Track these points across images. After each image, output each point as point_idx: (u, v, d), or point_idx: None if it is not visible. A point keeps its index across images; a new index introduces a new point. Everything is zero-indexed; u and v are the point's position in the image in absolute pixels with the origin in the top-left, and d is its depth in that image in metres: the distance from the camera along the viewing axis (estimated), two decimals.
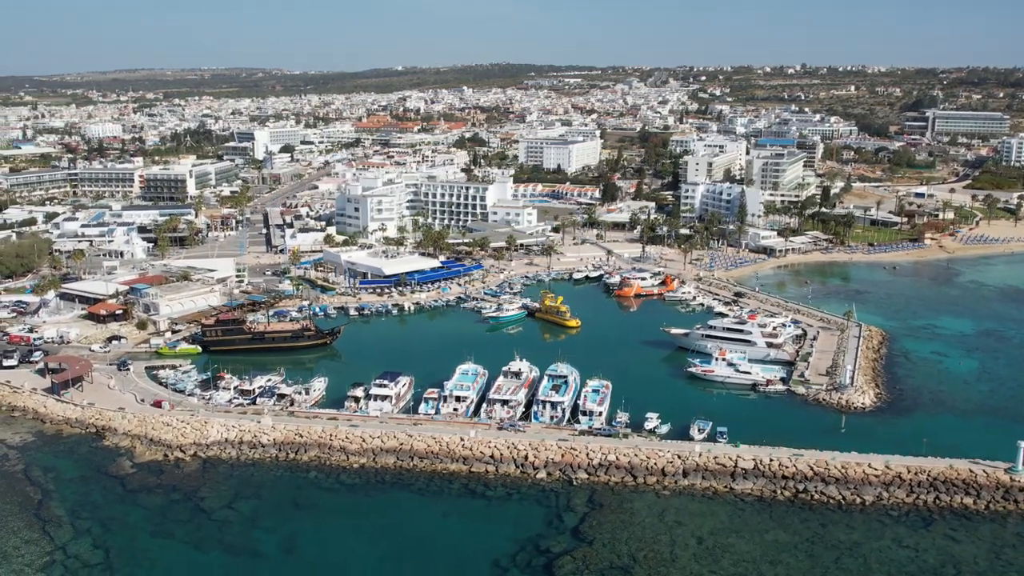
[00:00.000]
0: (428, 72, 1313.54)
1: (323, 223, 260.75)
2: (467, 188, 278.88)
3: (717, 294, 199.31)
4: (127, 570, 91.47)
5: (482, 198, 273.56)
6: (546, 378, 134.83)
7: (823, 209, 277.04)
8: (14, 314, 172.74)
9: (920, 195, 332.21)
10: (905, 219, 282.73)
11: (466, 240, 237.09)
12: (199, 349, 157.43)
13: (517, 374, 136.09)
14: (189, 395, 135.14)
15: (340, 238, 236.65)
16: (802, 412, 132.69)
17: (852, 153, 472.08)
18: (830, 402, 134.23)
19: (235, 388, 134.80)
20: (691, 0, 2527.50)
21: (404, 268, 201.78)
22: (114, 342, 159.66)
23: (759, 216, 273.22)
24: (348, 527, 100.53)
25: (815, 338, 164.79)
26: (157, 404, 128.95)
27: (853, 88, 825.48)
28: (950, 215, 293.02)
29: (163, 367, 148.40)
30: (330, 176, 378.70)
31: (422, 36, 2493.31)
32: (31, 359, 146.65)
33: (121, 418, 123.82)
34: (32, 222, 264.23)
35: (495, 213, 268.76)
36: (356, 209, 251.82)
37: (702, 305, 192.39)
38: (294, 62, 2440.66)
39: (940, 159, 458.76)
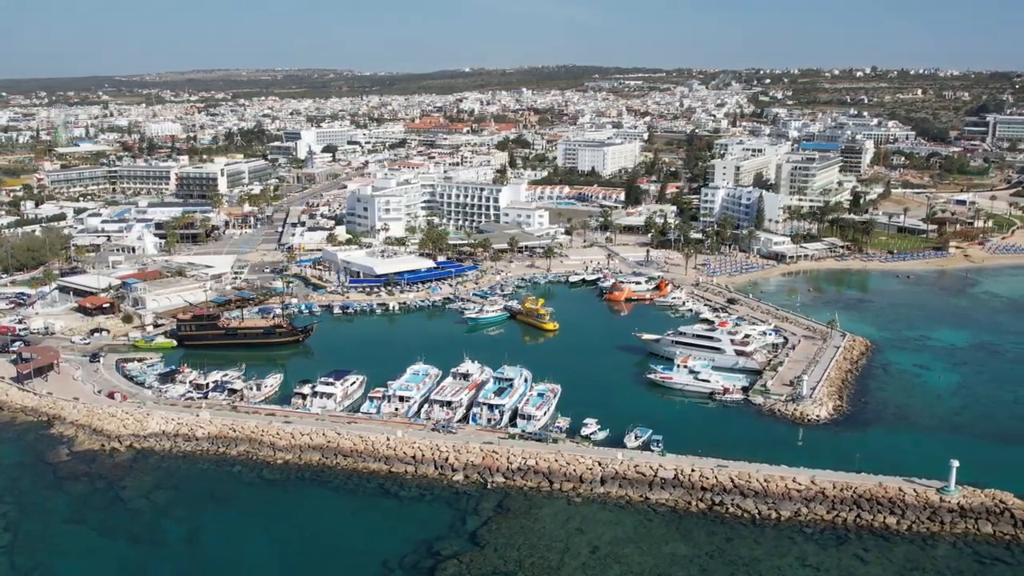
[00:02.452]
0: (494, 74, 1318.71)
1: (332, 222, 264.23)
2: (481, 189, 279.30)
3: (709, 300, 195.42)
4: (29, 553, 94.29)
5: (495, 200, 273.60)
6: (492, 380, 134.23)
7: (842, 215, 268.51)
8: (11, 305, 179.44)
9: (961, 202, 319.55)
10: (935, 227, 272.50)
11: (467, 241, 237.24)
12: (174, 343, 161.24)
13: (465, 376, 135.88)
14: (147, 388, 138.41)
15: (344, 237, 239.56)
16: (754, 423, 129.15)
17: (903, 158, 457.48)
18: (785, 413, 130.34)
19: (190, 382, 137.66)
20: (761, 2, 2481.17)
21: (395, 268, 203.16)
22: (96, 334, 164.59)
23: (778, 221, 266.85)
24: (254, 521, 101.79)
25: (793, 347, 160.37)
26: (111, 395, 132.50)
27: (920, 92, 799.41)
28: (988, 223, 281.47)
29: (132, 360, 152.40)
30: (363, 176, 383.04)
31: (493, 38, 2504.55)
32: (10, 349, 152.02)
33: (72, 408, 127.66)
34: (61, 217, 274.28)
35: (507, 215, 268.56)
36: (365, 209, 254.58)
37: (691, 311, 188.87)
38: (365, 63, 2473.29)
39: (996, 165, 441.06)
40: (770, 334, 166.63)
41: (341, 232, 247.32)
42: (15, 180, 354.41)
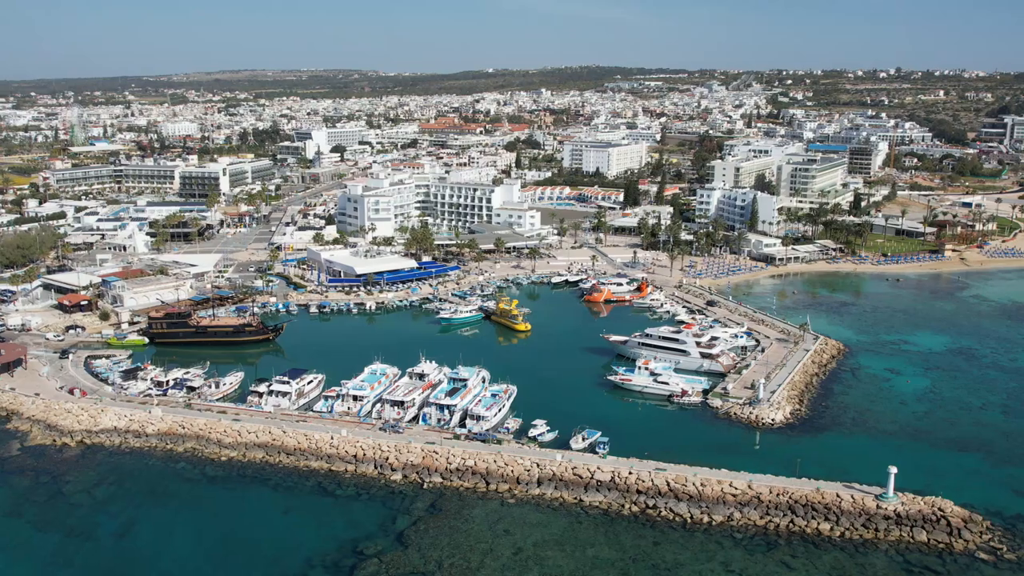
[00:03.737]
0: (516, 74, 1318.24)
1: (323, 222, 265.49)
2: (474, 190, 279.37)
3: (689, 302, 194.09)
4: None
5: (488, 200, 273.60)
6: (445, 381, 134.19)
7: (837, 218, 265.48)
8: None
9: (967, 205, 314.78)
10: (934, 229, 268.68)
11: (454, 241, 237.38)
12: (146, 341, 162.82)
13: (421, 376, 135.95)
14: (110, 384, 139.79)
15: (331, 236, 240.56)
16: (708, 426, 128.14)
17: (915, 160, 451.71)
18: (741, 417, 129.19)
19: (151, 379, 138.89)
20: (786, 3, 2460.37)
21: (375, 268, 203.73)
22: (70, 331, 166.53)
23: (772, 223, 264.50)
24: (188, 517, 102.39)
25: (763, 350, 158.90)
26: (71, 391, 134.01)
27: (943, 93, 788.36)
28: (991, 225, 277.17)
29: (101, 356, 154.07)
30: (366, 176, 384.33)
31: (519, 39, 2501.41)
32: None
33: (31, 403, 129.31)
34: (61, 215, 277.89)
35: (498, 215, 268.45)
36: (355, 208, 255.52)
37: (668, 312, 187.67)
38: (391, 64, 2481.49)
39: (1011, 167, 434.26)
40: (742, 337, 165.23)
41: (330, 232, 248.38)
42: (24, 179, 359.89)
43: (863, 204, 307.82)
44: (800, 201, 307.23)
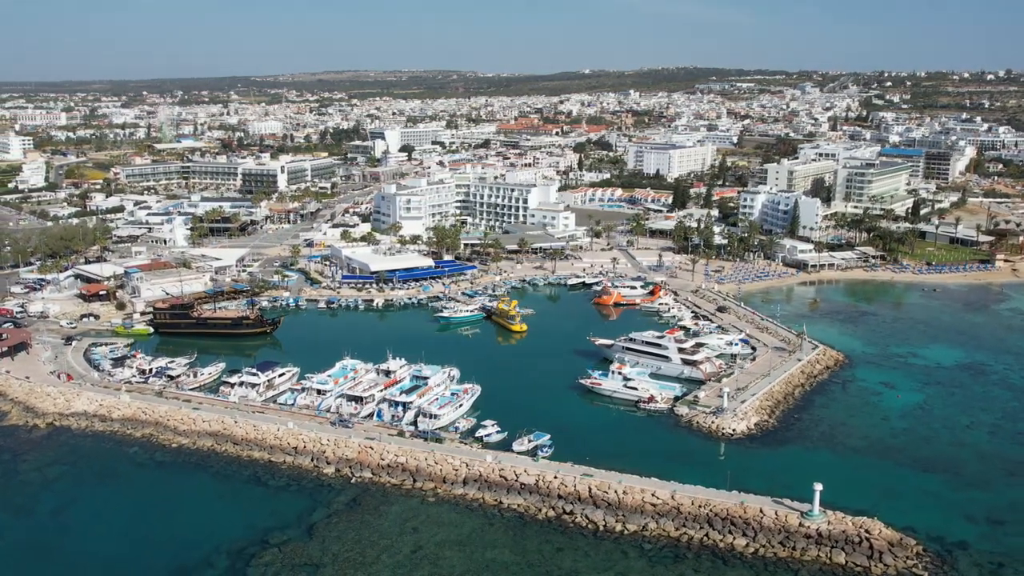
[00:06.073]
0: (611, 75, 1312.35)
1: (358, 220, 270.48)
2: (512, 190, 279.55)
3: (699, 307, 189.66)
4: None
5: (525, 201, 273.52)
6: (407, 378, 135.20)
7: (881, 224, 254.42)
8: (26, 291, 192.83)
9: None
10: (990, 238, 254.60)
11: (480, 241, 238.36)
12: (151, 331, 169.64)
13: (387, 372, 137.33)
14: (100, 371, 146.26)
15: (359, 233, 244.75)
16: (666, 434, 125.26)
17: (1000, 165, 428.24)
18: (703, 426, 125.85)
19: (136, 367, 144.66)
20: (893, 3, 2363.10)
21: (389, 265, 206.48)
22: (84, 319, 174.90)
23: (814, 228, 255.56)
24: (124, 499, 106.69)
25: (754, 358, 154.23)
26: (58, 376, 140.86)
27: None
28: None
29: (102, 344, 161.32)
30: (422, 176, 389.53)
31: (619, 40, 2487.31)
32: None
33: (18, 386, 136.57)
34: (120, 210, 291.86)
35: (533, 216, 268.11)
36: (389, 207, 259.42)
37: (674, 316, 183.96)
38: (490, 64, 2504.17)
39: None
40: (736, 344, 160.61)
41: (363, 229, 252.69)
42: (101, 174, 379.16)
43: (924, 210, 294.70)
44: (855, 207, 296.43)
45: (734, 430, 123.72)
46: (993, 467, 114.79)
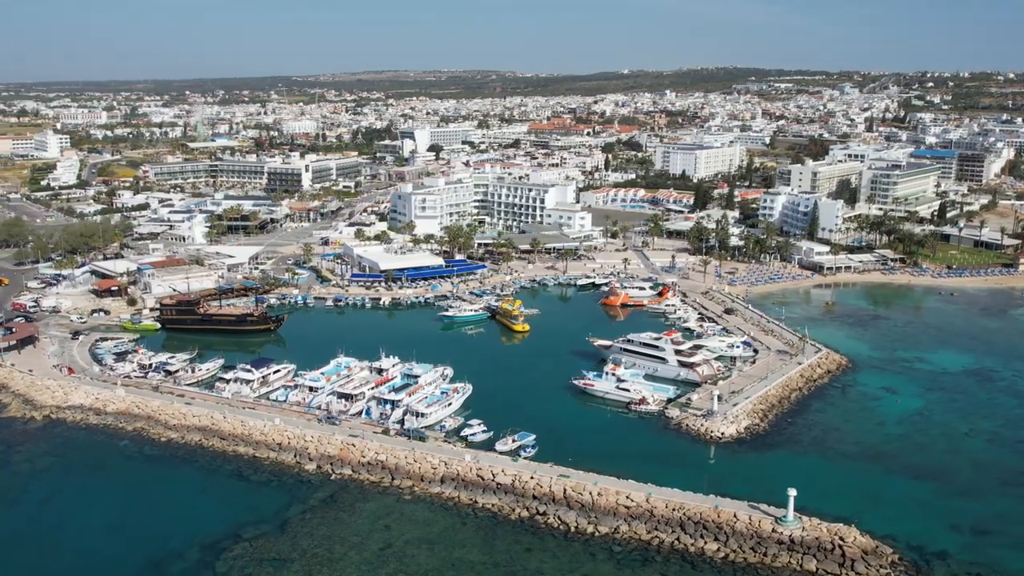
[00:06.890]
0: (649, 75, 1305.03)
1: (375, 218, 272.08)
2: (529, 190, 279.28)
3: (706, 308, 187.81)
4: None
5: (542, 201, 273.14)
6: (398, 376, 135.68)
7: (901, 226, 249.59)
8: (43, 285, 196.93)
9: None
10: (1016, 242, 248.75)
11: (493, 240, 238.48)
12: (158, 326, 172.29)
13: (380, 371, 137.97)
14: (102, 365, 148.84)
15: (373, 232, 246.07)
16: (655, 436, 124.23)
17: None
18: (692, 429, 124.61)
19: (137, 362, 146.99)
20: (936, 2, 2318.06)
21: (398, 264, 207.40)
22: (95, 314, 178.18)
23: (833, 231, 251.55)
24: (109, 491, 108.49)
25: (754, 361, 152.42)
26: (61, 369, 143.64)
27: None
28: None
29: (109, 339, 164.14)
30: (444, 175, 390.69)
31: (658, 40, 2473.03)
32: (3, 324, 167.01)
33: (21, 379, 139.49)
34: (145, 207, 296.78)
35: (549, 216, 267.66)
36: (405, 206, 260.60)
37: (680, 318, 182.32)
38: (529, 64, 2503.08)
39: None
40: (738, 346, 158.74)
41: (376, 228, 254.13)
42: (132, 171, 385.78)
43: (951, 213, 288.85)
44: (881, 208, 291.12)
45: (723, 433, 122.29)
46: (987, 476, 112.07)
